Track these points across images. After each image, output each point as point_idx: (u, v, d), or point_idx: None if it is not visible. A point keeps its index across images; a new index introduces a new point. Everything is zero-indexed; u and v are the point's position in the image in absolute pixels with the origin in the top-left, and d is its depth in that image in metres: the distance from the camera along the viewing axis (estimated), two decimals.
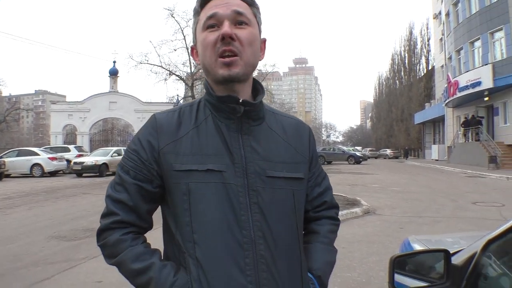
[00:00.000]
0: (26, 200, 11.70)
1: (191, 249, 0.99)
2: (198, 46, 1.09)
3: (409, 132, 55.35)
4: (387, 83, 71.45)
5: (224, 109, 1.07)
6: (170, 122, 1.08)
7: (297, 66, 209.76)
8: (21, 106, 67.56)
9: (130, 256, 1.01)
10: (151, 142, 1.05)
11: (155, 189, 1.06)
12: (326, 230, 1.25)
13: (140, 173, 1.05)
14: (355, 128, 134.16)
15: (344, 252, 5.42)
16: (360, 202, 9.29)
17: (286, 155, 1.12)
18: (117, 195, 1.05)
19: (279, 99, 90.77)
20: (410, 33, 59.62)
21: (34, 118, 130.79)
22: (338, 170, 25.08)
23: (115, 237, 1.03)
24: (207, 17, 1.04)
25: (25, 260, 5.34)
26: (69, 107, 38.42)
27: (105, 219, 1.06)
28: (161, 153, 1.04)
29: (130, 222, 1.05)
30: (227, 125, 1.07)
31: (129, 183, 1.05)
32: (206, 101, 1.11)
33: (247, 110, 1.07)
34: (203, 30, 1.05)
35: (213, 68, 1.04)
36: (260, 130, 1.10)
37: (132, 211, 1.05)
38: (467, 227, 6.85)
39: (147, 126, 1.09)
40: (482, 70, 24.99)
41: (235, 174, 1.03)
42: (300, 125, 1.22)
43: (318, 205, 1.25)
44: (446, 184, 15.20)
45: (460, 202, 10.01)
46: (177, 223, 1.03)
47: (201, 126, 1.07)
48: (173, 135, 1.06)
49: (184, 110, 1.11)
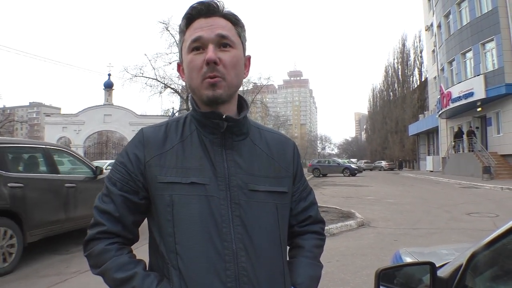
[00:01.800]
0: None
1: (174, 260, 1.01)
2: (185, 66, 1.11)
3: (404, 143, 55.54)
4: (381, 95, 71.81)
5: (208, 125, 1.10)
6: (157, 136, 1.11)
7: (292, 79, 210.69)
8: (15, 118, 67.38)
9: (114, 266, 1.03)
10: (138, 155, 1.09)
11: (141, 200, 1.09)
12: (311, 245, 1.26)
13: (127, 184, 1.08)
14: (350, 140, 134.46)
15: (338, 265, 5.40)
16: (354, 214, 9.29)
17: (269, 170, 1.14)
18: (103, 206, 1.08)
19: (274, 112, 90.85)
20: (403, 45, 60.19)
21: (28, 130, 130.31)
22: (333, 182, 25.09)
23: (100, 247, 1.05)
24: (192, 40, 1.06)
25: (15, 273, 5.28)
26: (63, 119, 38.32)
27: (92, 229, 1.08)
28: (147, 165, 1.07)
29: (116, 233, 1.07)
30: (211, 140, 1.10)
31: (116, 194, 1.08)
32: (191, 117, 1.15)
33: (230, 126, 1.09)
34: (188, 52, 1.08)
35: (199, 89, 1.07)
36: (244, 145, 1.13)
37: (118, 221, 1.07)
38: (462, 238, 6.85)
39: (135, 140, 1.13)
40: (474, 81, 25.20)
41: (218, 187, 1.05)
42: (284, 141, 1.25)
43: (303, 220, 1.27)
44: (440, 195, 15.22)
45: (455, 213, 10.02)
46: (161, 234, 1.05)
47: (186, 140, 1.11)
48: (159, 148, 1.09)
49: (171, 124, 1.15)
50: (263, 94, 68.71)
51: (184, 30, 1.11)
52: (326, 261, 5.50)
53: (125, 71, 33.91)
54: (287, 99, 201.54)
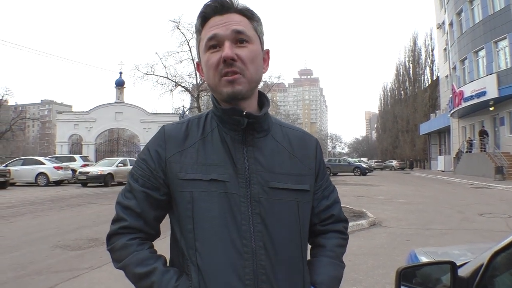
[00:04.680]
0: (31, 208, 11.72)
1: (193, 256, 1.02)
2: (203, 65, 1.12)
3: (415, 143, 55.16)
4: (392, 94, 71.41)
5: (229, 121, 1.09)
6: (178, 133, 1.12)
7: (302, 77, 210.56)
8: (27, 115, 67.88)
9: (135, 260, 1.04)
10: (159, 152, 1.10)
11: (162, 196, 1.10)
12: (333, 244, 1.23)
13: (148, 181, 1.09)
14: (360, 139, 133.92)
15: (350, 264, 5.36)
16: (366, 214, 9.22)
17: (291, 167, 1.13)
18: (126, 202, 1.10)
19: (285, 110, 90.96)
20: (414, 44, 59.73)
21: (40, 127, 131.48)
22: (344, 181, 24.99)
23: (122, 242, 1.07)
24: (208, 38, 1.06)
25: (28, 268, 5.33)
26: (75, 117, 38.66)
27: (114, 224, 1.10)
28: (167, 162, 1.08)
29: (137, 228, 1.09)
30: (232, 137, 1.10)
31: (138, 190, 1.09)
32: (213, 114, 1.15)
33: (251, 122, 1.09)
34: (205, 51, 1.08)
35: (218, 87, 1.07)
36: (265, 142, 1.13)
37: (140, 217, 1.08)
38: (474, 239, 6.78)
39: (156, 137, 1.14)
40: (487, 80, 24.95)
41: (238, 185, 1.05)
42: (306, 137, 1.24)
43: (325, 218, 1.25)
44: (452, 195, 15.09)
45: (467, 214, 9.92)
46: (181, 230, 1.06)
47: (207, 137, 1.11)
48: (180, 145, 1.10)
49: (192, 122, 1.15)
50: (274, 93, 68.73)
51: (200, 29, 1.11)
52: None
53: (136, 70, 33.87)
54: (298, 98, 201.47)
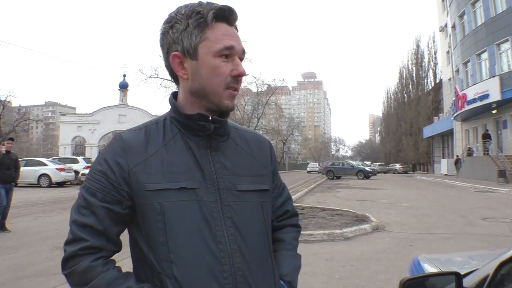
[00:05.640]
0: (32, 210, 11.74)
1: (168, 269, 0.98)
2: (202, 66, 1.04)
3: (418, 146, 55.08)
4: (395, 97, 71.37)
5: (193, 127, 1.07)
6: (138, 141, 1.06)
7: (306, 80, 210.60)
8: (30, 117, 68.15)
9: (104, 283, 0.97)
10: (119, 162, 1.03)
11: (124, 210, 1.03)
12: (291, 237, 1.29)
13: (108, 194, 1.01)
14: (364, 143, 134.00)
15: (352, 269, 5.31)
16: (369, 218, 9.15)
17: (252, 169, 1.15)
18: (84, 220, 1.00)
19: (288, 114, 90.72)
20: (417, 47, 59.76)
21: (43, 129, 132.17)
22: (347, 185, 24.95)
23: (85, 264, 0.98)
24: (225, 47, 1.03)
25: (27, 270, 5.32)
26: (78, 119, 38.83)
27: (72, 245, 1.00)
28: (131, 173, 1.02)
29: (100, 247, 1.01)
30: (196, 142, 1.08)
31: (97, 206, 1.00)
32: (172, 119, 1.11)
33: (216, 127, 1.08)
34: (215, 56, 1.03)
35: (217, 95, 1.05)
36: (227, 146, 1.13)
37: (102, 235, 1.01)
38: (478, 244, 6.72)
39: (114, 146, 1.06)
40: (490, 83, 24.90)
41: (207, 191, 1.04)
42: (261, 139, 1.27)
43: (281, 214, 1.30)
44: (455, 199, 15.01)
45: (470, 218, 9.84)
46: (151, 244, 1.01)
47: (170, 144, 1.06)
48: (142, 154, 1.03)
49: (150, 128, 1.10)
50: (277, 96, 68.82)
51: (208, 24, 1.03)
52: (340, 265, 5.47)
53: (140, 72, 33.99)
54: (301, 101, 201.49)
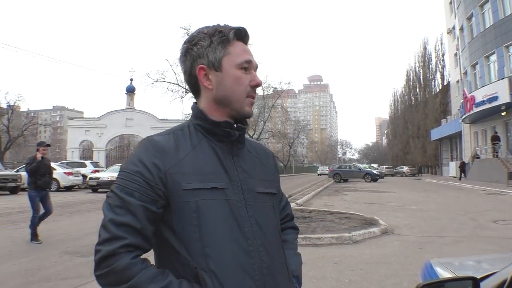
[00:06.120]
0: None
1: (204, 263, 1.06)
2: (226, 77, 1.19)
3: (426, 148, 54.82)
4: (402, 100, 71.15)
5: (218, 133, 1.19)
6: (169, 144, 1.15)
7: (312, 83, 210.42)
8: (39, 121, 68.45)
9: (146, 279, 1.01)
10: (156, 163, 1.10)
11: (158, 209, 1.09)
12: (293, 238, 1.45)
13: (145, 194, 1.07)
14: (371, 145, 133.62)
15: (362, 273, 5.26)
16: (377, 221, 9.08)
17: (264, 174, 1.29)
18: (121, 218, 1.04)
19: (294, 117, 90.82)
20: (424, 49, 59.59)
21: (51, 133, 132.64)
22: (355, 188, 24.84)
23: (125, 262, 1.01)
24: (245, 60, 1.20)
25: (37, 275, 5.32)
26: (86, 123, 39.05)
27: (109, 244, 1.02)
28: (167, 174, 1.09)
29: (137, 245, 1.05)
30: (220, 148, 1.19)
31: (135, 205, 1.06)
32: (197, 126, 1.22)
33: (239, 134, 1.22)
34: (237, 68, 1.19)
35: (239, 103, 1.20)
36: (244, 152, 1.26)
37: (139, 233, 1.05)
38: (489, 247, 6.65)
39: (148, 148, 1.13)
40: (499, 85, 24.72)
41: (234, 191, 1.15)
42: (266, 150, 1.42)
43: (283, 217, 1.44)
44: (465, 202, 14.88)
45: (480, 221, 9.74)
46: (184, 240, 1.08)
47: (197, 148, 1.17)
48: (175, 156, 1.12)
49: (177, 133, 1.19)
50: (283, 99, 68.83)
51: (230, 40, 1.20)
52: (349, 269, 5.43)
53: (147, 76, 34.14)
54: (307, 104, 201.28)
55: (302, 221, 8.84)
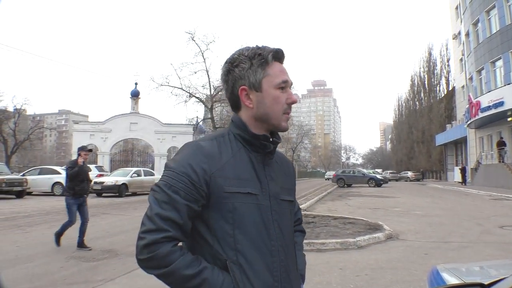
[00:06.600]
0: (46, 218, 11.80)
1: (234, 256, 1.21)
2: (266, 96, 1.32)
3: (431, 153, 54.64)
4: (406, 105, 71.00)
5: (256, 144, 1.33)
6: (214, 150, 1.27)
7: (316, 88, 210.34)
8: (44, 125, 68.54)
9: (184, 264, 1.16)
10: (203, 167, 1.22)
11: (198, 208, 1.22)
12: (301, 241, 1.61)
13: (190, 194, 1.20)
14: (375, 150, 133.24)
15: (367, 279, 5.25)
16: (382, 226, 9.05)
17: (286, 182, 1.43)
18: (167, 213, 1.17)
19: (298, 121, 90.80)
20: (429, 54, 59.51)
21: (57, 137, 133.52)
22: (359, 193, 24.78)
23: (167, 249, 1.15)
24: (282, 81, 1.32)
25: (43, 279, 5.34)
26: (91, 127, 39.18)
27: (154, 234, 1.16)
28: (212, 177, 1.22)
29: (178, 238, 1.19)
30: (255, 157, 1.33)
31: (180, 203, 1.19)
32: (237, 135, 1.34)
33: (274, 147, 1.36)
34: (276, 88, 1.32)
35: (278, 119, 1.33)
36: (273, 163, 1.40)
37: (180, 228, 1.19)
38: (496, 253, 6.61)
39: (196, 152, 1.26)
40: (505, 90, 24.65)
41: (263, 197, 1.29)
42: (288, 160, 1.57)
43: (295, 221, 1.55)
44: (470, 207, 14.81)
45: (487, 226, 9.69)
46: (218, 236, 1.22)
47: (236, 155, 1.30)
48: (219, 161, 1.25)
49: (219, 140, 1.32)
50: None
51: (269, 62, 1.32)
52: (354, 275, 5.41)
53: (151, 80, 34.32)
54: (311, 109, 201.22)
55: (306, 226, 8.81)
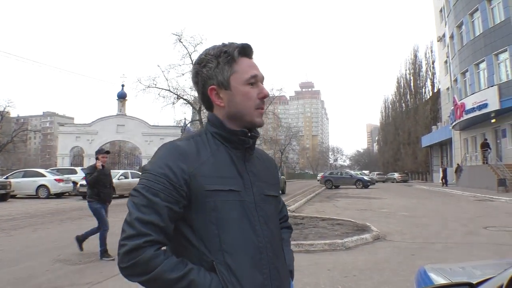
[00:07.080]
0: (31, 221, 11.64)
1: (221, 257, 1.18)
2: (236, 94, 1.30)
3: (417, 155, 55.17)
4: (393, 106, 71.60)
5: (234, 141, 1.31)
6: (192, 149, 1.25)
7: (304, 90, 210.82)
8: (29, 127, 67.53)
9: (168, 267, 1.12)
10: (181, 166, 1.20)
11: (180, 209, 1.19)
12: (288, 237, 1.58)
13: (170, 195, 1.16)
14: (362, 152, 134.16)
15: (355, 280, 5.27)
16: (370, 228, 9.10)
17: (269, 178, 1.41)
18: (147, 217, 1.13)
19: (286, 123, 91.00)
20: (414, 56, 60.14)
21: (41, 139, 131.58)
22: (346, 194, 24.91)
23: (150, 253, 1.11)
24: (251, 76, 1.30)
25: (28, 283, 5.26)
26: (76, 129, 38.81)
27: (135, 239, 1.11)
28: (191, 175, 1.19)
29: (160, 241, 1.15)
30: (235, 154, 1.31)
31: (160, 205, 1.15)
32: (214, 134, 1.32)
33: (252, 142, 1.34)
34: (245, 84, 1.30)
35: (251, 115, 1.31)
36: (253, 158, 1.38)
37: (162, 231, 1.15)
38: (481, 253, 6.69)
39: (173, 152, 1.23)
40: (488, 92, 25.03)
41: (246, 193, 1.27)
42: (269, 157, 1.55)
43: (280, 218, 1.55)
44: (455, 208, 14.99)
45: (471, 227, 9.81)
46: (202, 237, 1.19)
47: (215, 153, 1.28)
48: (197, 160, 1.23)
49: (196, 139, 1.30)
50: (275, 105, 68.87)
51: (235, 59, 1.30)
52: (343, 275, 5.43)
53: (138, 82, 34.01)
54: (299, 110, 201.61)
55: (295, 227, 8.82)
